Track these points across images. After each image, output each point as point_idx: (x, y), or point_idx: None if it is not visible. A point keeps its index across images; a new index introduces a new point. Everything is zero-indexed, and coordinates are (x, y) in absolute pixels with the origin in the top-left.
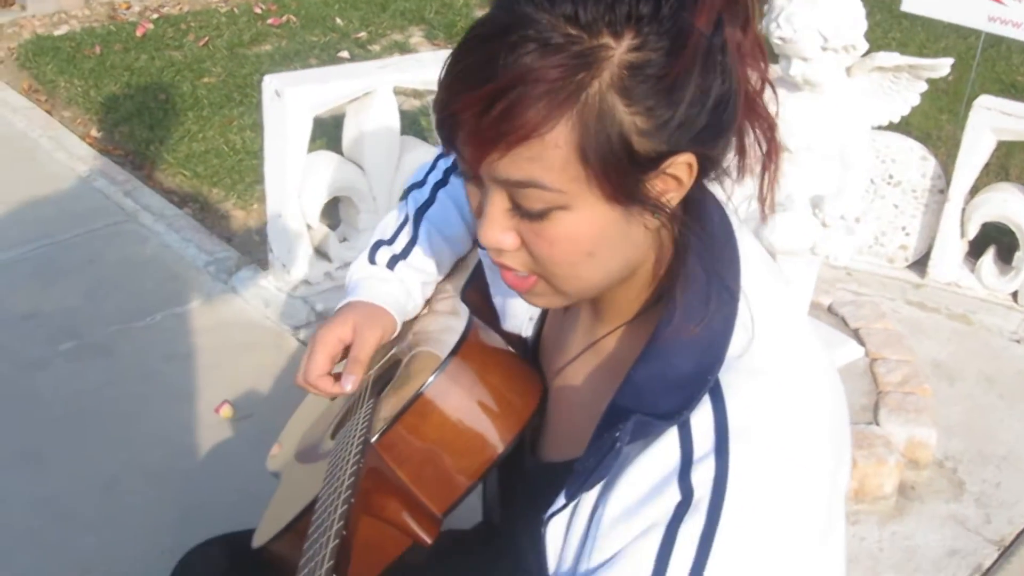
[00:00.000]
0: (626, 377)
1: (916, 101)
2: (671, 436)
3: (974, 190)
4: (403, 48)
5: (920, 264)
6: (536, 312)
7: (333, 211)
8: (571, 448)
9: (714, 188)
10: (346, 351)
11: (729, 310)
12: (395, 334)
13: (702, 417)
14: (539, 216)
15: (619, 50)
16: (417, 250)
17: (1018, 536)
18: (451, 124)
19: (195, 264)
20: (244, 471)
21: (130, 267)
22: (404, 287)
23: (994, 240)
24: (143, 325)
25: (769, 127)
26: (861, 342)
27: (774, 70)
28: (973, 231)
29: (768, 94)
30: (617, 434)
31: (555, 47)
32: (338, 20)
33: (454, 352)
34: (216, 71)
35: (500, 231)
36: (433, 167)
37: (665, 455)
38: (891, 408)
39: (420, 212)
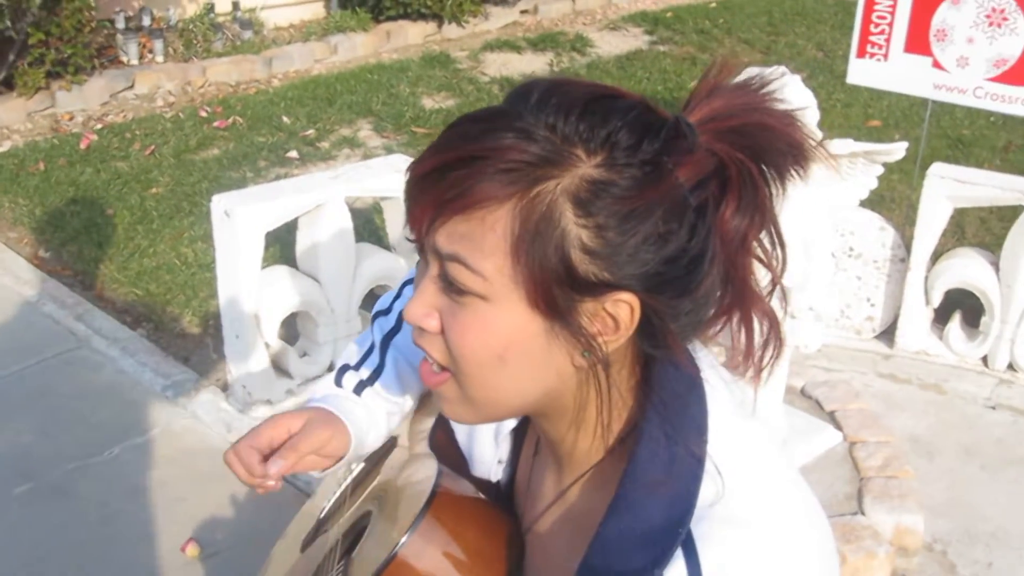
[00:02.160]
0: (596, 533)
1: (874, 184)
2: None
3: (935, 255)
4: (352, 143)
5: (888, 334)
6: (505, 455)
7: (291, 325)
8: None
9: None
10: None
11: (695, 465)
12: (346, 452)
13: (675, 574)
14: (459, 294)
15: (587, 164)
16: (384, 377)
17: None
18: (416, 189)
19: (152, 389)
20: None
21: (85, 397)
22: (369, 413)
23: (959, 305)
24: (101, 460)
25: (770, 324)
26: (838, 426)
27: None
28: (937, 298)
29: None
30: None
31: (530, 138)
32: (285, 118)
33: (426, 508)
34: (164, 180)
35: (424, 307)
36: (399, 294)
37: None
38: (875, 495)
39: (387, 339)
